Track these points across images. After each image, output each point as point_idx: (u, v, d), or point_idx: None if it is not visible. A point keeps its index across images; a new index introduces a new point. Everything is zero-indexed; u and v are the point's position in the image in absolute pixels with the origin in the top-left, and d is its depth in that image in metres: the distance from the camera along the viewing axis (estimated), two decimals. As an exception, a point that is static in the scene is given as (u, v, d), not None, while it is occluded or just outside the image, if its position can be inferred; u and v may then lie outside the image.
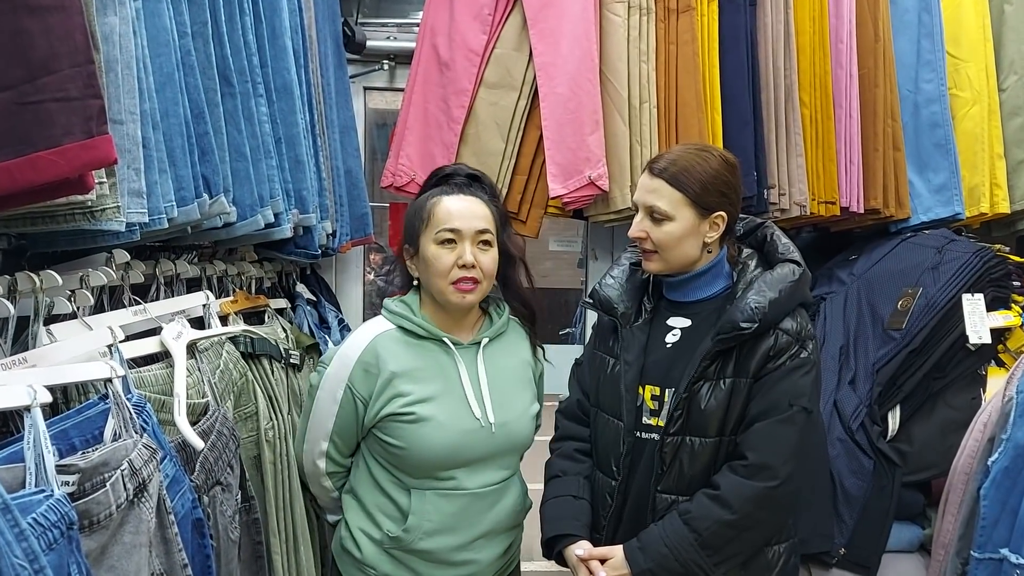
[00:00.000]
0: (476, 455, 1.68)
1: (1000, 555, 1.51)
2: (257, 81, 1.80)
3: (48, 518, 0.90)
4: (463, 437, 1.67)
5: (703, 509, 1.54)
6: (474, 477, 1.69)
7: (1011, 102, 2.62)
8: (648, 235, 1.63)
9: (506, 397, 1.74)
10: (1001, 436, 1.59)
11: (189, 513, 1.31)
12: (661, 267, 1.66)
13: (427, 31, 2.58)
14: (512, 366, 1.79)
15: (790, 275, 1.61)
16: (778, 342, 1.57)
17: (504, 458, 1.74)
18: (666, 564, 1.53)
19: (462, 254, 1.64)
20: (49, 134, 0.99)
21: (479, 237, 1.67)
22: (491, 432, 1.69)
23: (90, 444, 1.13)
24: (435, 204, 1.68)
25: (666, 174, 1.61)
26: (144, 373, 1.39)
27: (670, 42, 2.44)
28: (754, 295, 1.57)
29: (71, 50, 1.01)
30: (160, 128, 1.40)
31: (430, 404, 1.66)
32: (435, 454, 1.65)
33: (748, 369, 1.57)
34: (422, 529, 1.66)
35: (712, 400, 1.57)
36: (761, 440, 1.55)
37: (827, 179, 2.50)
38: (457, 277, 1.64)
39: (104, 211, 1.19)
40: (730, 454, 1.59)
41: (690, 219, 1.61)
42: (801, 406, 1.56)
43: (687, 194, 1.60)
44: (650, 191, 1.62)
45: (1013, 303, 2.31)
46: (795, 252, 1.67)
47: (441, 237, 1.65)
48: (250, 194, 1.73)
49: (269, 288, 2.30)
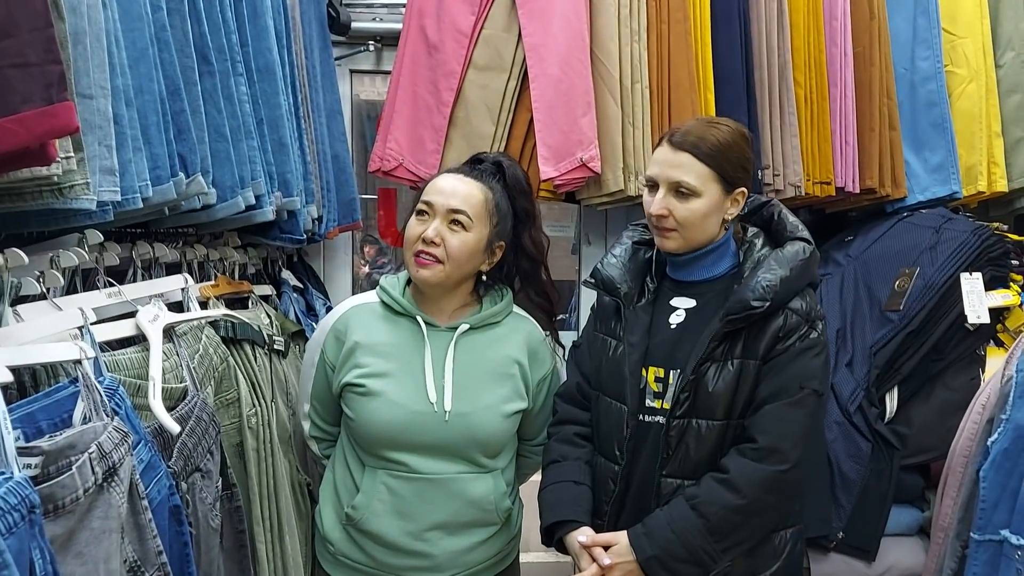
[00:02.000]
0: (426, 440, 1.64)
1: (1000, 536, 1.50)
2: (237, 60, 1.77)
3: (7, 501, 0.86)
4: (411, 418, 1.63)
5: (711, 493, 1.49)
6: (426, 463, 1.64)
7: (1008, 79, 2.59)
8: (671, 212, 1.56)
9: (472, 387, 1.67)
10: (1000, 417, 1.57)
11: (166, 500, 1.28)
12: (680, 245, 1.59)
13: (414, 12, 2.54)
14: (492, 359, 1.71)
15: (801, 253, 1.57)
16: (787, 323, 1.53)
17: (463, 450, 1.66)
18: (672, 550, 1.48)
19: (427, 228, 1.64)
20: (7, 100, 0.95)
21: (451, 216, 1.64)
22: (444, 419, 1.63)
23: (58, 428, 1.09)
24: (433, 177, 1.72)
25: (692, 147, 1.54)
26: (119, 356, 1.35)
27: (662, 21, 2.41)
28: (765, 273, 1.53)
29: (29, 15, 0.97)
30: (134, 105, 1.37)
31: (384, 380, 1.65)
32: (381, 431, 1.63)
33: (757, 351, 1.53)
34: (370, 509, 1.63)
35: (720, 382, 1.53)
36: (771, 423, 1.50)
37: (822, 159, 2.47)
38: (417, 250, 1.64)
39: (72, 187, 1.16)
40: (737, 438, 1.54)
41: (716, 195, 1.56)
42: (812, 388, 1.52)
43: (715, 168, 1.54)
44: (674, 165, 1.55)
45: (1012, 282, 2.28)
46: (804, 231, 1.62)
47: (418, 208, 1.67)
48: (230, 175, 1.69)
49: (254, 274, 2.26)
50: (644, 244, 1.73)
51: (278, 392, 1.89)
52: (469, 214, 1.64)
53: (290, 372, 2.00)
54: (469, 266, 1.68)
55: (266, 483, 1.72)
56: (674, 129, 1.59)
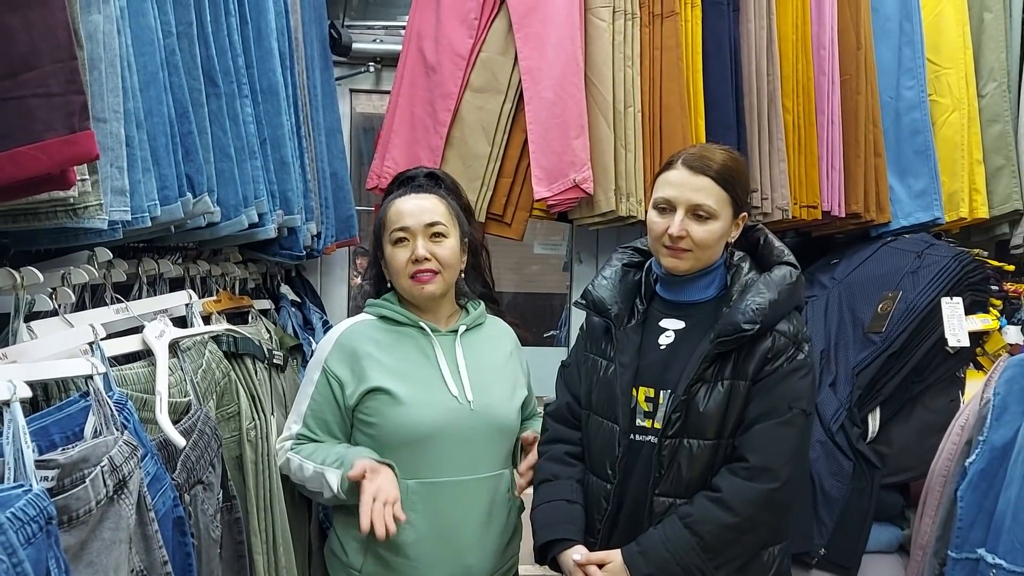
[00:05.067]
0: (457, 433, 1.70)
1: (977, 555, 1.53)
2: (242, 82, 1.80)
3: (27, 512, 0.90)
4: (441, 414, 1.70)
5: (704, 512, 1.53)
6: (452, 463, 1.70)
7: (990, 109, 2.65)
8: (688, 233, 1.60)
9: (485, 381, 1.78)
10: (978, 438, 1.61)
11: (170, 511, 1.31)
12: (691, 266, 1.63)
13: (413, 34, 2.59)
14: (492, 355, 1.84)
15: (788, 277, 1.62)
16: (776, 344, 1.57)
17: (487, 443, 1.75)
18: (667, 568, 1.51)
19: (415, 249, 1.72)
20: (30, 129, 0.99)
21: (430, 230, 1.74)
22: (470, 410, 1.72)
23: (70, 441, 1.13)
24: (388, 207, 1.80)
25: (713, 172, 1.59)
26: (126, 371, 1.39)
27: (655, 47, 2.46)
28: (754, 296, 1.57)
29: (53, 46, 1.01)
30: (144, 127, 1.40)
31: (405, 383, 1.71)
32: (412, 430, 1.68)
33: (746, 372, 1.57)
34: (406, 520, 1.65)
35: (710, 402, 1.57)
36: (762, 442, 1.54)
37: (809, 184, 2.52)
38: (412, 272, 1.73)
39: (86, 208, 1.19)
40: (727, 457, 1.58)
41: (728, 218, 1.62)
42: (800, 408, 1.56)
43: (729, 193, 1.60)
44: (695, 189, 1.58)
45: (991, 307, 2.32)
46: (790, 255, 1.67)
47: (394, 237, 1.75)
48: (234, 194, 1.73)
49: (253, 289, 2.29)
50: (634, 266, 1.78)
51: (276, 406, 1.92)
52: (443, 222, 1.76)
53: (288, 386, 2.03)
54: (457, 268, 1.80)
55: (263, 495, 1.75)
56: (684, 153, 1.63)
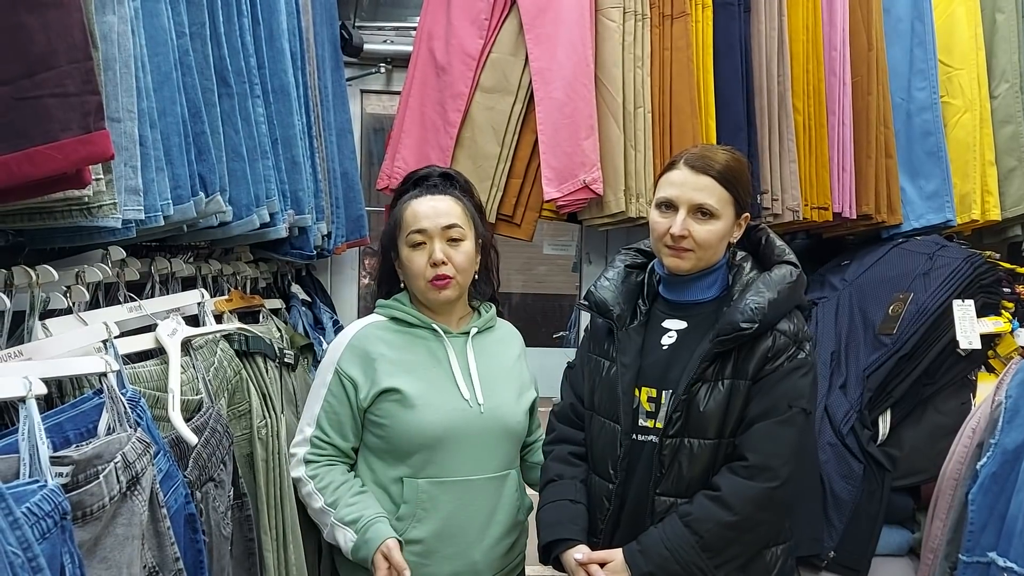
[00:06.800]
0: (468, 435, 1.72)
1: (988, 559, 1.53)
2: (254, 82, 1.81)
3: (42, 508, 0.91)
4: (452, 416, 1.71)
5: (704, 511, 1.53)
6: (463, 464, 1.71)
7: (1002, 110, 2.65)
8: (691, 233, 1.60)
9: (495, 383, 1.79)
10: (990, 441, 1.61)
11: (182, 508, 1.32)
12: (693, 266, 1.63)
13: (424, 35, 2.60)
14: (502, 357, 1.85)
15: (788, 276, 1.62)
16: (776, 343, 1.58)
17: (497, 444, 1.76)
18: (667, 567, 1.52)
19: (432, 252, 1.72)
20: (47, 129, 0.99)
21: (447, 234, 1.74)
22: (480, 413, 1.73)
23: (84, 438, 1.14)
24: (405, 208, 1.78)
25: (714, 171, 1.60)
26: (139, 369, 1.40)
27: (665, 48, 2.46)
28: (753, 296, 1.58)
29: (69, 46, 1.02)
30: (157, 127, 1.41)
31: (419, 384, 1.71)
32: (423, 432, 1.68)
33: (746, 371, 1.58)
34: (415, 517, 1.68)
35: (711, 402, 1.57)
36: (761, 441, 1.55)
37: (820, 185, 2.52)
38: (431, 276, 1.73)
39: (101, 207, 1.20)
40: (728, 456, 1.59)
41: (730, 218, 1.63)
42: (800, 407, 1.57)
43: (731, 192, 1.61)
44: (698, 188, 1.59)
45: (1003, 309, 2.32)
46: (790, 254, 1.68)
47: (412, 240, 1.74)
48: (246, 194, 1.74)
49: (264, 288, 2.31)
50: (636, 267, 1.79)
51: (287, 404, 1.93)
52: (460, 225, 1.75)
53: (298, 385, 2.04)
54: (472, 271, 1.80)
55: (274, 493, 1.76)
56: (686, 154, 1.64)
